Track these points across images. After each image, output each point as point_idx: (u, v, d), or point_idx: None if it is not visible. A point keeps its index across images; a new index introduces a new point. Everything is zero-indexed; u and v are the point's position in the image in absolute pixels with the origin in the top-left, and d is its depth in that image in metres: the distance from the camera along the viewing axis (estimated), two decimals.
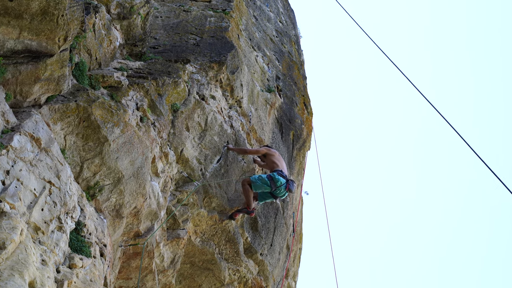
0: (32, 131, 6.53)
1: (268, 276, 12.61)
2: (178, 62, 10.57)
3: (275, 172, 11.18)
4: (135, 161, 8.38)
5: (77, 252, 6.93)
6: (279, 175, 11.09)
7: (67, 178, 7.02)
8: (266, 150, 11.59)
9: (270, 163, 11.46)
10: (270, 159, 11.46)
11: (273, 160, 11.42)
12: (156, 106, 9.29)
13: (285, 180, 11.12)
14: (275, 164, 11.37)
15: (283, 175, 11.16)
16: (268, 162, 11.53)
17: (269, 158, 11.49)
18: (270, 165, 11.48)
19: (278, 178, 11.05)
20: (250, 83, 12.67)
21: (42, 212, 6.29)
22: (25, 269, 5.38)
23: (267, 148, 11.73)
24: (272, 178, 11.03)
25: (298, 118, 14.74)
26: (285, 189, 11.13)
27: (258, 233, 12.05)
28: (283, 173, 11.21)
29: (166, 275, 10.36)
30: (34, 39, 6.35)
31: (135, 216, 8.75)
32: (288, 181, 11.20)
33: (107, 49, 9.07)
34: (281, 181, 11.04)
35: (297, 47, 18.29)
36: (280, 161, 11.46)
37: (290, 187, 11.16)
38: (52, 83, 6.97)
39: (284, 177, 11.15)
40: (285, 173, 11.26)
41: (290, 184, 11.17)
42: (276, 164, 11.37)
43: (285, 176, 11.19)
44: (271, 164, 11.44)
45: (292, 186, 11.22)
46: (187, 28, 12.06)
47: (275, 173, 11.12)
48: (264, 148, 11.74)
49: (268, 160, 11.53)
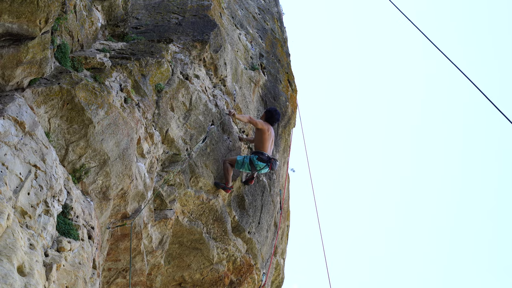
0: (15, 115, 6.48)
1: (257, 254, 12.67)
2: (160, 42, 10.50)
3: (256, 155, 11.28)
4: (120, 142, 8.35)
5: (65, 235, 6.91)
6: (258, 160, 11.24)
7: (53, 162, 6.98)
8: (261, 125, 11.55)
9: (257, 141, 11.51)
10: (260, 136, 11.49)
11: (261, 138, 11.44)
12: (140, 87, 9.24)
13: (264, 163, 11.26)
14: (260, 144, 11.39)
15: (264, 158, 11.26)
16: (256, 138, 11.58)
17: (260, 135, 11.51)
18: (256, 142, 11.54)
19: (257, 163, 11.24)
20: (234, 61, 12.62)
21: (28, 196, 6.26)
22: (13, 254, 5.36)
23: (266, 124, 11.68)
24: (251, 163, 11.21)
25: (283, 95, 14.72)
26: (267, 168, 11.35)
27: (245, 211, 12.09)
28: (264, 155, 11.29)
29: (155, 256, 10.39)
30: (14, 22, 6.27)
31: (122, 198, 8.74)
32: (271, 159, 11.27)
33: (89, 31, 8.99)
34: (260, 165, 11.26)
35: (280, 24, 18.22)
36: (267, 142, 11.47)
37: (273, 165, 11.33)
38: (34, 66, 6.90)
39: (265, 160, 11.26)
40: (267, 154, 11.35)
41: (273, 163, 11.30)
42: (262, 144, 11.42)
43: (266, 158, 11.29)
44: (258, 143, 11.48)
45: (274, 164, 11.36)
46: (169, 7, 11.98)
47: (254, 158, 11.24)
48: (263, 123, 11.67)
49: (257, 135, 11.57)
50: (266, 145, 11.40)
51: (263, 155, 11.27)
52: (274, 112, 11.98)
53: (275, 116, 11.90)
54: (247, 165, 11.21)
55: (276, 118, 11.91)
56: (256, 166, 11.23)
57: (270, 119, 11.86)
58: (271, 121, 11.84)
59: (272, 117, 11.89)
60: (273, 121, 11.88)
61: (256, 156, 11.23)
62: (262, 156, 11.25)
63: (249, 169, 11.28)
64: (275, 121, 11.92)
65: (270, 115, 11.93)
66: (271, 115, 11.92)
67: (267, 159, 11.26)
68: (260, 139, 11.47)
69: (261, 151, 11.35)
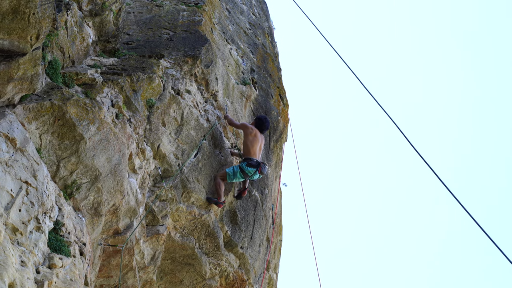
0: (6, 131, 6.47)
1: (249, 269, 12.63)
2: (152, 58, 10.51)
3: (245, 162, 11.37)
4: (112, 158, 8.33)
5: (57, 252, 6.88)
6: (248, 166, 11.33)
7: (44, 178, 6.96)
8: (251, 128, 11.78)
9: (245, 146, 11.66)
10: (248, 140, 11.61)
11: (248, 143, 11.60)
12: (131, 102, 9.24)
13: (254, 168, 11.35)
14: (248, 148, 11.58)
15: (253, 164, 11.35)
16: (244, 144, 11.72)
17: (248, 139, 11.63)
18: (244, 148, 11.70)
19: (248, 169, 11.32)
20: (225, 76, 12.65)
21: (19, 213, 6.24)
22: (4, 271, 5.33)
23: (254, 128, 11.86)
24: (242, 170, 11.29)
25: (274, 110, 14.75)
26: (257, 173, 11.44)
27: (237, 226, 12.06)
28: (253, 160, 11.38)
29: (147, 272, 10.34)
30: (5, 38, 6.27)
31: (113, 214, 8.71)
32: (260, 164, 11.34)
33: (80, 47, 9.00)
34: (250, 171, 11.34)
35: (271, 39, 18.28)
36: (256, 145, 11.64)
37: (262, 169, 11.43)
38: (25, 82, 6.90)
39: (254, 165, 11.36)
40: (255, 159, 11.44)
41: (262, 167, 11.43)
42: (249, 149, 11.57)
43: (255, 163, 11.38)
44: (245, 148, 11.65)
45: (263, 168, 11.47)
46: (160, 23, 12.01)
47: (243, 164, 11.34)
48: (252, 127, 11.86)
49: (245, 140, 11.71)
50: (254, 149, 11.56)
51: (252, 160, 11.37)
52: (264, 119, 12.14)
53: (265, 123, 12.05)
54: (239, 173, 11.28)
55: (266, 125, 12.06)
56: (247, 173, 11.30)
57: (260, 126, 11.99)
58: (261, 129, 11.99)
59: (262, 124, 12.03)
60: (263, 128, 12.02)
61: (245, 163, 11.32)
62: (251, 162, 11.36)
63: (242, 177, 11.34)
64: (265, 128, 12.06)
65: (260, 122, 12.07)
66: (261, 122, 12.05)
67: (256, 164, 11.34)
68: (247, 143, 11.62)
69: (250, 156, 11.47)
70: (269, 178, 14.21)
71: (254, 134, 11.69)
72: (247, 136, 11.65)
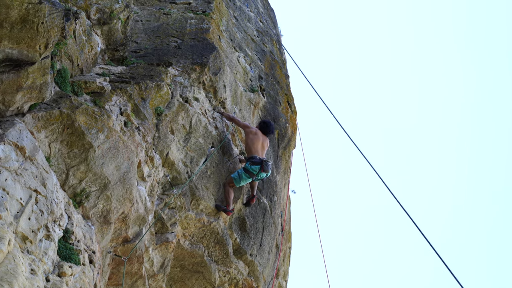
0: (16, 140, 6.48)
1: (259, 277, 12.61)
2: (160, 66, 10.53)
3: (248, 162, 11.42)
4: (121, 166, 8.34)
5: (66, 260, 6.88)
6: (251, 164, 11.37)
7: (53, 186, 6.97)
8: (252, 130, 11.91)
9: (247, 146, 11.77)
10: (249, 139, 11.72)
11: (249, 142, 11.71)
12: (140, 110, 9.26)
13: (258, 166, 11.36)
14: (249, 147, 11.67)
15: (256, 161, 11.39)
16: (246, 143, 11.83)
17: (249, 137, 11.74)
18: (246, 148, 11.81)
19: (252, 168, 11.34)
20: (233, 83, 12.66)
21: (29, 221, 6.25)
22: (14, 280, 5.33)
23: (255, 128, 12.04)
24: (247, 171, 11.32)
25: (282, 117, 14.75)
26: (260, 171, 11.43)
27: (247, 233, 12.05)
28: (255, 158, 11.43)
29: (157, 280, 10.33)
30: (15, 48, 6.29)
31: (123, 222, 8.71)
32: (262, 162, 11.34)
33: (88, 55, 9.03)
34: (255, 169, 11.37)
35: (279, 46, 18.30)
36: (257, 143, 11.72)
37: (264, 167, 11.39)
38: (34, 91, 6.92)
39: (258, 162, 11.39)
40: (258, 157, 11.49)
41: (264, 165, 11.39)
42: (251, 147, 11.65)
43: (258, 160, 11.42)
44: (247, 147, 11.75)
45: (266, 166, 11.46)
46: (168, 31, 12.04)
47: (247, 164, 11.39)
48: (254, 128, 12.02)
49: (246, 139, 11.82)
50: (255, 147, 11.63)
51: (255, 158, 11.39)
52: (268, 122, 12.35)
53: (268, 126, 12.20)
54: (244, 174, 11.31)
55: (269, 128, 12.20)
56: (252, 171, 11.30)
57: (264, 129, 12.14)
58: (265, 131, 12.13)
59: (266, 127, 12.18)
60: (267, 131, 12.15)
61: (249, 162, 11.35)
62: (254, 160, 11.38)
63: (248, 177, 11.35)
64: (269, 131, 12.18)
65: (263, 125, 12.23)
66: (264, 125, 12.20)
67: (259, 161, 11.33)
68: (248, 142, 11.73)
69: (252, 155, 11.52)
70: (278, 185, 14.20)
71: (255, 132, 11.80)
72: (247, 135, 11.78)
